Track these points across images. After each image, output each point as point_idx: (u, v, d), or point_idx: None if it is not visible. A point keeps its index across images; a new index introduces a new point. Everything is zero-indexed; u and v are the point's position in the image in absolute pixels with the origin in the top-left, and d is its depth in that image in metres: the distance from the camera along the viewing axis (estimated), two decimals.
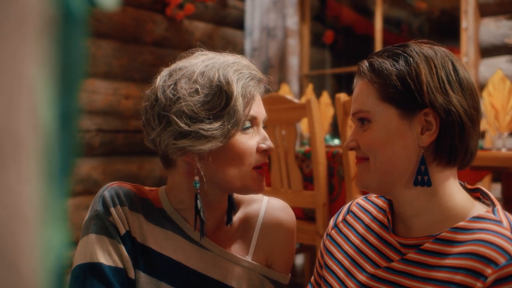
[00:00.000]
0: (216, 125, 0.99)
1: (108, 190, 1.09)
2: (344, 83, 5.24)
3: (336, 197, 2.44)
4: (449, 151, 0.95)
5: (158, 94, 1.03)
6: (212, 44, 4.29)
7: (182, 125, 0.99)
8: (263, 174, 1.07)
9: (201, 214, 1.05)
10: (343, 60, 5.44)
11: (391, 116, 0.95)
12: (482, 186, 1.03)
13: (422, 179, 0.95)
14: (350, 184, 2.29)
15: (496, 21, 3.42)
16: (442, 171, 0.96)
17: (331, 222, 1.17)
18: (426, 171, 0.95)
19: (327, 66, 5.30)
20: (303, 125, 3.58)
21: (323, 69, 5.20)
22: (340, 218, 1.15)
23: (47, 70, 0.28)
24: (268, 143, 1.06)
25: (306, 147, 2.90)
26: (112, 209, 1.06)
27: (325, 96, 3.47)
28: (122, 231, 1.06)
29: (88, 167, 3.55)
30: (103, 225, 1.05)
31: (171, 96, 1.01)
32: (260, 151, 1.06)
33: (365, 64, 1.01)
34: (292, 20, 4.32)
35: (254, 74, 1.05)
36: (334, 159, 2.46)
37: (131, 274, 1.05)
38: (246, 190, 1.08)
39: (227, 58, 1.06)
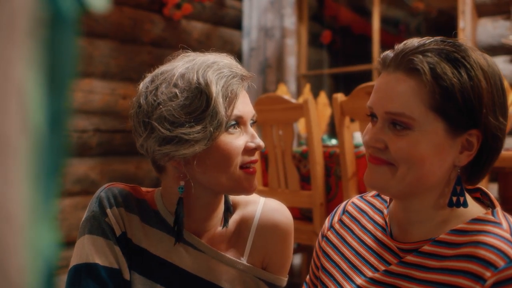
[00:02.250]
0: (198, 128, 0.97)
1: (105, 191, 1.09)
2: (341, 83, 5.24)
3: (333, 197, 2.45)
4: (482, 173, 0.93)
5: (141, 101, 1.02)
6: (210, 44, 4.28)
7: (164, 131, 0.98)
8: (252, 173, 1.05)
9: (180, 219, 1.04)
10: (341, 60, 5.44)
11: (437, 130, 0.88)
12: (479, 186, 1.01)
13: (458, 200, 0.91)
14: (347, 184, 2.29)
15: (493, 21, 3.42)
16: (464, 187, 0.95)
17: (327, 223, 1.14)
18: (462, 191, 0.91)
19: (325, 66, 5.29)
20: (300, 125, 3.58)
21: (321, 69, 5.19)
22: (336, 218, 1.13)
23: (36, 72, 0.28)
24: (257, 141, 1.04)
25: (304, 147, 2.91)
26: (109, 210, 1.06)
27: (323, 96, 3.47)
28: (118, 232, 1.06)
29: (86, 167, 3.54)
30: (99, 226, 1.05)
31: (152, 102, 1.00)
32: (249, 150, 1.04)
33: (421, 61, 0.87)
34: (290, 20, 4.32)
35: (236, 72, 1.02)
36: (331, 159, 2.46)
37: (126, 275, 1.05)
38: (236, 191, 1.06)
39: (207, 58, 1.04)
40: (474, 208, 0.94)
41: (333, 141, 3.27)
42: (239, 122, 1.03)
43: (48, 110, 0.29)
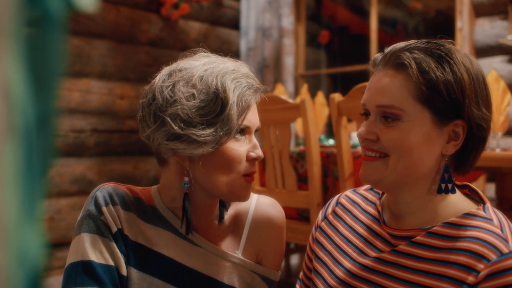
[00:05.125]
0: (209, 131, 1.01)
1: (100, 190, 1.11)
2: (339, 83, 5.24)
3: (330, 197, 2.44)
4: (470, 162, 0.99)
5: (156, 94, 1.04)
6: (208, 44, 4.26)
7: (176, 128, 1.00)
8: (250, 181, 1.09)
9: (188, 214, 1.07)
10: (339, 60, 5.44)
11: (424, 120, 0.94)
12: (477, 186, 1.05)
13: (446, 187, 0.97)
14: (344, 184, 2.29)
15: (491, 21, 3.43)
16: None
17: (320, 215, 1.19)
18: (450, 179, 0.97)
19: (323, 66, 5.30)
20: (298, 125, 3.58)
21: (319, 69, 5.20)
22: (330, 210, 1.17)
23: (22, 72, 0.28)
24: (258, 152, 1.08)
25: (301, 147, 2.90)
26: (104, 208, 1.08)
27: (320, 96, 3.47)
28: (114, 229, 1.08)
29: (83, 167, 3.54)
30: (95, 224, 1.07)
31: (168, 97, 1.02)
32: (249, 159, 1.07)
33: (408, 57, 0.95)
34: (288, 20, 4.32)
35: (252, 84, 1.06)
36: (329, 159, 2.46)
37: (123, 271, 1.07)
38: (232, 197, 1.09)
39: (227, 65, 1.06)
40: (464, 203, 0.99)
41: (331, 141, 3.27)
42: (246, 131, 1.07)
43: (35, 110, 0.29)
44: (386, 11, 4.84)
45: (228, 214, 1.18)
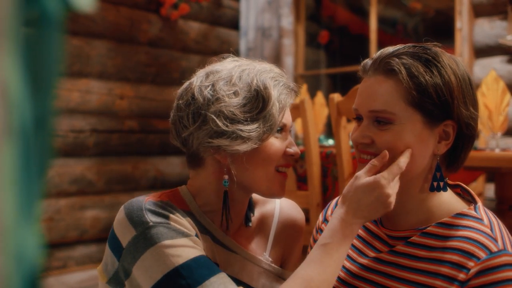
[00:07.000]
0: (253, 127, 1.03)
1: (147, 203, 1.02)
2: (339, 83, 5.24)
3: (330, 197, 2.44)
4: (461, 160, 1.03)
5: (195, 94, 1.05)
6: (207, 44, 4.28)
7: (220, 124, 1.01)
8: (285, 177, 1.11)
9: (229, 212, 1.08)
10: (338, 60, 5.44)
11: (416, 122, 0.98)
12: (476, 186, 1.07)
13: (438, 185, 1.01)
14: (344, 184, 2.29)
15: (490, 22, 3.43)
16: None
17: (321, 217, 1.23)
18: (442, 177, 1.01)
19: (322, 66, 5.29)
20: (297, 126, 3.58)
21: (318, 69, 5.19)
22: (329, 212, 1.22)
23: (20, 72, 0.28)
24: (295, 149, 1.10)
25: (300, 147, 2.90)
26: (171, 215, 1.00)
27: (320, 96, 3.47)
28: (193, 231, 1.02)
29: (82, 167, 3.54)
30: (168, 230, 0.98)
31: (209, 96, 1.03)
32: (288, 155, 1.10)
33: (397, 63, 0.98)
34: (287, 20, 4.32)
35: (288, 84, 1.09)
36: (328, 160, 2.46)
37: None
38: (270, 193, 1.10)
39: (263, 65, 1.10)
40: (457, 203, 1.03)
41: (330, 141, 3.26)
42: (283, 128, 1.10)
43: (32, 110, 0.29)
44: (385, 11, 4.84)
45: (254, 217, 1.20)
